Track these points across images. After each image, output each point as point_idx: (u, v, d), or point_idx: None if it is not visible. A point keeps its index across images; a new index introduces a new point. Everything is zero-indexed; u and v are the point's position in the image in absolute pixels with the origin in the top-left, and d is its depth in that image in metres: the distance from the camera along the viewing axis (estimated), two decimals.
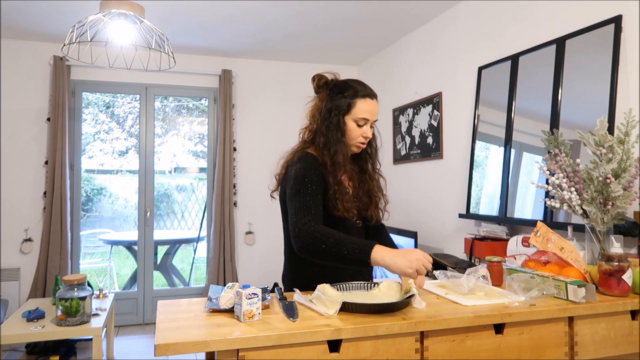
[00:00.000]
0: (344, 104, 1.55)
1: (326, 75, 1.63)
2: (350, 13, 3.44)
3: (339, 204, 1.50)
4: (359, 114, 1.55)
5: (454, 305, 1.41)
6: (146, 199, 4.38)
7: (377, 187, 1.65)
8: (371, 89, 1.61)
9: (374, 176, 1.66)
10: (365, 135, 1.57)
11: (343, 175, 1.55)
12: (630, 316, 1.52)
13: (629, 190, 1.67)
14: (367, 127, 1.57)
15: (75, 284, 2.74)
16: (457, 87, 3.30)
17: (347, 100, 1.55)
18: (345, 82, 1.60)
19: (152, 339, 3.83)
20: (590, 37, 2.26)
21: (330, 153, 1.53)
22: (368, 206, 1.63)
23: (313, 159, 1.54)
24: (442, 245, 3.41)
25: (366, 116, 1.55)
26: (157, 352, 1.10)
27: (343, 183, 1.54)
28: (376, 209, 1.63)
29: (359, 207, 1.64)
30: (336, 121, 1.54)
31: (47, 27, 3.69)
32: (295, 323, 1.25)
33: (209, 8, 3.35)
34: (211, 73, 4.48)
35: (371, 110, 1.56)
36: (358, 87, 1.58)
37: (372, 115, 1.57)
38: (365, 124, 1.57)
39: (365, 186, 1.65)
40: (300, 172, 1.50)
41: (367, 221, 1.65)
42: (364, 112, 1.55)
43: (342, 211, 1.50)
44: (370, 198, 1.63)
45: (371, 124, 1.59)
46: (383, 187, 1.75)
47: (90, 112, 5.14)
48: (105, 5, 2.34)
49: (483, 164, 2.97)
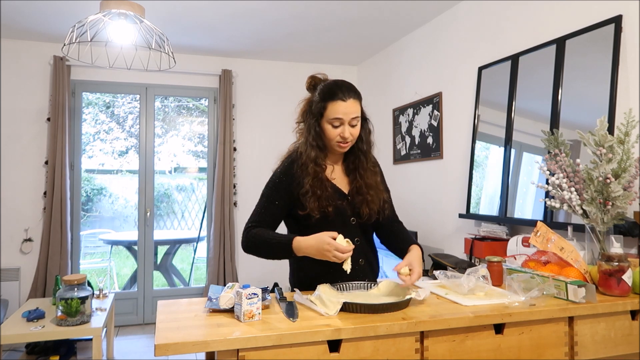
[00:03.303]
0: (318, 107, 1.58)
1: (318, 76, 1.66)
2: (350, 13, 3.44)
3: (305, 204, 1.56)
4: (331, 116, 1.55)
5: (454, 305, 1.41)
6: (146, 199, 4.38)
7: (368, 184, 1.63)
8: (348, 89, 1.57)
9: (365, 174, 1.64)
10: (343, 136, 1.56)
11: (312, 175, 1.56)
12: (630, 316, 1.52)
13: (629, 190, 1.67)
14: (343, 128, 1.56)
15: (75, 284, 2.73)
16: (457, 87, 3.30)
17: (320, 104, 1.57)
18: (325, 85, 1.61)
19: (152, 339, 3.83)
20: (590, 37, 2.26)
21: (304, 155, 1.59)
22: (360, 204, 1.62)
23: (291, 163, 1.62)
24: (442, 245, 3.41)
25: (338, 116, 1.54)
26: (157, 352, 1.10)
27: (309, 184, 1.56)
28: (367, 206, 1.61)
29: (354, 203, 1.63)
30: (310, 124, 1.60)
31: (47, 27, 3.69)
32: (295, 323, 1.25)
33: (209, 8, 3.35)
34: (211, 73, 4.48)
35: (343, 111, 1.54)
36: (333, 90, 1.56)
37: (346, 115, 1.54)
38: (340, 125, 1.56)
39: (357, 183, 1.64)
40: (274, 175, 1.64)
41: (361, 217, 1.63)
42: (335, 113, 1.54)
43: (308, 210, 1.55)
44: (363, 195, 1.62)
45: (350, 122, 1.56)
46: (383, 184, 1.73)
47: (90, 112, 5.14)
48: (105, 5, 2.34)
49: (483, 164, 2.97)
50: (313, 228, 1.55)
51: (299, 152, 1.61)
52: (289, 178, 1.60)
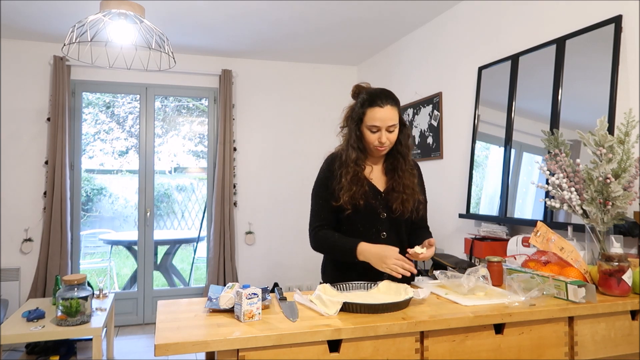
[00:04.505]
0: (358, 113, 1.71)
1: (362, 85, 1.78)
2: (350, 13, 3.44)
3: (339, 196, 1.69)
4: (369, 122, 1.67)
5: (454, 305, 1.41)
6: (146, 199, 4.38)
7: (405, 184, 1.74)
8: (386, 97, 1.68)
9: (403, 175, 1.75)
10: (381, 141, 1.67)
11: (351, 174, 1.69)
12: (630, 316, 1.52)
13: (629, 190, 1.67)
14: (380, 133, 1.67)
15: (75, 284, 2.73)
16: (457, 87, 3.30)
17: (360, 110, 1.70)
18: (365, 92, 1.73)
19: (152, 339, 3.83)
20: (590, 37, 2.26)
21: (345, 155, 1.73)
22: (394, 200, 1.73)
23: (332, 160, 1.77)
24: (442, 245, 3.42)
25: (375, 124, 1.66)
26: (157, 352, 1.10)
27: (347, 181, 1.69)
28: (400, 204, 1.72)
29: (387, 200, 1.75)
30: (351, 128, 1.73)
31: (47, 27, 3.69)
32: (295, 323, 1.25)
33: (209, 8, 3.35)
34: (211, 73, 4.48)
35: (381, 117, 1.65)
36: (372, 97, 1.68)
37: (383, 122, 1.66)
38: (378, 131, 1.67)
39: (394, 183, 1.75)
40: (319, 174, 1.79)
41: (393, 213, 1.73)
42: (373, 120, 1.66)
43: (342, 202, 1.68)
44: (398, 193, 1.73)
45: (388, 128, 1.67)
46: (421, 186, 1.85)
47: (91, 112, 5.14)
48: (105, 5, 2.34)
49: (483, 164, 2.97)
50: (345, 218, 1.73)
51: (341, 152, 1.75)
52: (330, 174, 1.74)
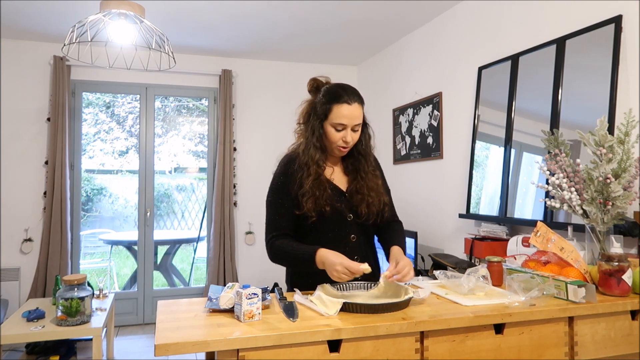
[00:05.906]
0: (322, 109, 1.59)
1: (320, 79, 1.67)
2: (350, 13, 3.44)
3: (302, 203, 1.58)
4: (335, 120, 1.57)
5: (454, 305, 1.41)
6: (146, 199, 4.38)
7: (369, 187, 1.66)
8: (353, 94, 1.59)
9: (366, 177, 1.67)
10: (345, 140, 1.58)
11: (313, 177, 1.58)
12: (630, 316, 1.52)
13: (629, 190, 1.67)
14: (346, 132, 1.58)
15: (75, 284, 2.73)
16: (457, 87, 3.30)
17: (325, 106, 1.58)
18: (330, 87, 1.62)
19: (152, 339, 3.83)
20: (590, 37, 2.26)
21: (305, 155, 1.60)
22: (359, 203, 1.65)
23: (288, 162, 1.65)
24: (442, 245, 3.41)
25: (342, 121, 1.56)
26: (157, 352, 1.10)
27: (308, 185, 1.57)
28: (366, 207, 1.63)
29: (351, 201, 1.65)
30: (314, 125, 1.61)
31: (47, 27, 3.69)
32: (295, 323, 1.25)
33: (209, 8, 3.35)
34: (211, 73, 4.48)
35: (348, 115, 1.56)
36: (338, 93, 1.58)
37: (350, 120, 1.56)
38: (343, 129, 1.57)
39: (357, 184, 1.67)
40: (274, 179, 1.66)
41: (359, 217, 1.66)
42: (340, 118, 1.56)
43: (305, 210, 1.57)
44: (363, 195, 1.65)
45: (353, 128, 1.58)
46: (384, 185, 1.76)
47: (91, 112, 5.14)
48: (105, 5, 2.34)
49: (483, 164, 2.97)
50: (310, 226, 1.60)
51: (298, 152, 1.63)
52: (287, 178, 1.63)
